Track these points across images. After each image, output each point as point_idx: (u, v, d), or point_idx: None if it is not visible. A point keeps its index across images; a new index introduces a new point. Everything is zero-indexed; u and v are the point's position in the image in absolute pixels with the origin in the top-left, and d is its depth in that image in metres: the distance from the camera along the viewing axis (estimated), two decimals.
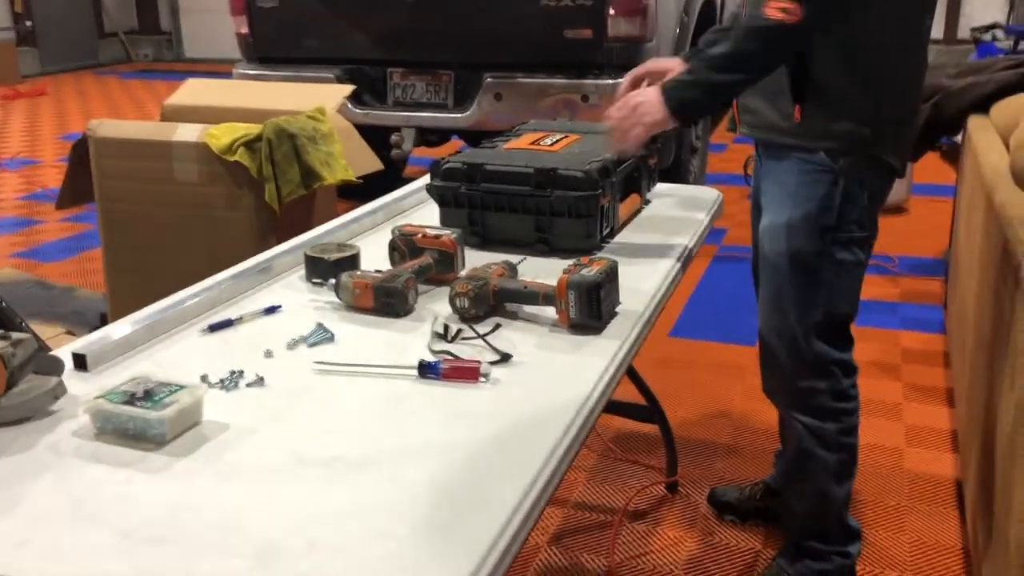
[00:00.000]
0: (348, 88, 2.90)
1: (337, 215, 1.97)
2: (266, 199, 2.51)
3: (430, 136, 4.16)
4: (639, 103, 1.59)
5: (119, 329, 1.29)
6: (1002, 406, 1.60)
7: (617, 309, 1.41)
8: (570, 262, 1.39)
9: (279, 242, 1.76)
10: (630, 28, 3.67)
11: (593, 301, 1.31)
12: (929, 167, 4.48)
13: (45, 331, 2.69)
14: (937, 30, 8.45)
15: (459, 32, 3.88)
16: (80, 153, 2.71)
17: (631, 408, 2.30)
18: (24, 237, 4.53)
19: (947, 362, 2.97)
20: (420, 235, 1.54)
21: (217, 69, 4.52)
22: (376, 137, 4.05)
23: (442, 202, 1.75)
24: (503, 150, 1.83)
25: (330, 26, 4.07)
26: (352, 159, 2.71)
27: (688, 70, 1.60)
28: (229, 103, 2.87)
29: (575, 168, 1.67)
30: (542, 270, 1.50)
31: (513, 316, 1.40)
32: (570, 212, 1.66)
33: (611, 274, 1.36)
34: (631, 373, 2.25)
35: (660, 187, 2.11)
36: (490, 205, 1.71)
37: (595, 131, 1.99)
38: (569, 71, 3.75)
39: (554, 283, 1.34)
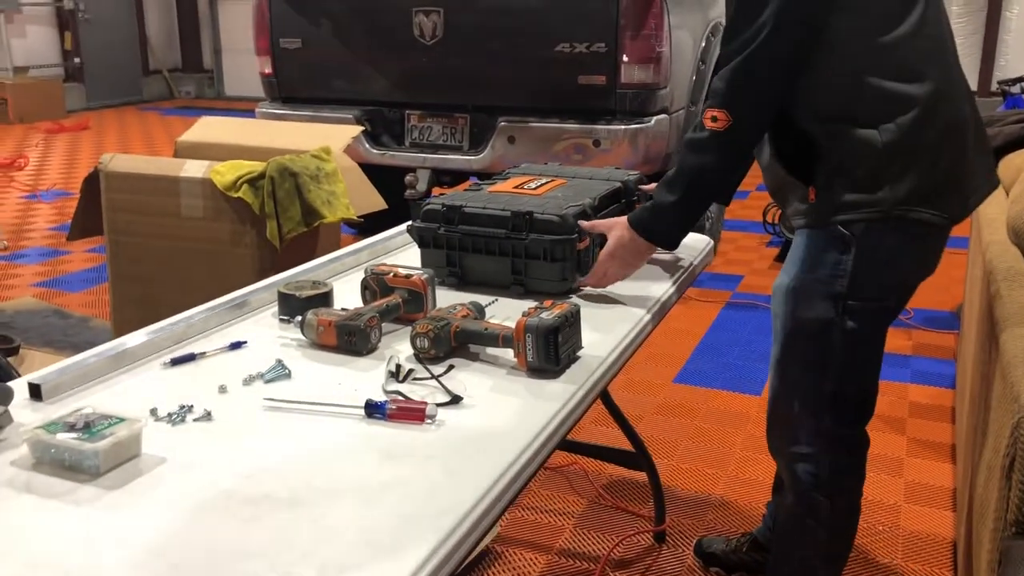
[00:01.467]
0: (357, 129, 2.94)
1: None
2: (267, 236, 2.55)
3: (444, 177, 4.20)
4: (610, 256, 1.66)
5: (80, 360, 1.31)
6: (980, 466, 1.56)
7: (580, 353, 1.40)
8: (532, 304, 1.40)
9: None
10: (643, 75, 3.69)
11: (551, 345, 1.31)
12: None
13: (56, 359, 2.74)
14: (971, 81, 8.39)
15: (475, 76, 3.93)
16: (92, 186, 2.77)
17: (618, 454, 2.27)
18: (49, 267, 4.63)
19: (955, 418, 2.91)
20: (391, 275, 1.55)
21: (253, 107, 4.62)
22: (392, 177, 4.12)
23: (422, 243, 1.76)
24: (486, 193, 1.84)
25: (351, 68, 4.15)
26: (356, 198, 2.74)
27: (653, 197, 1.65)
28: (240, 141, 2.94)
29: (551, 212, 1.67)
30: (516, 311, 1.49)
31: (475, 357, 1.40)
32: (545, 255, 1.66)
33: (571, 318, 1.36)
34: (619, 419, 2.24)
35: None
36: (468, 247, 1.72)
37: (584, 176, 2.00)
38: (582, 116, 3.78)
39: None
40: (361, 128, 2.96)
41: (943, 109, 1.53)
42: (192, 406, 1.21)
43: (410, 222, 1.79)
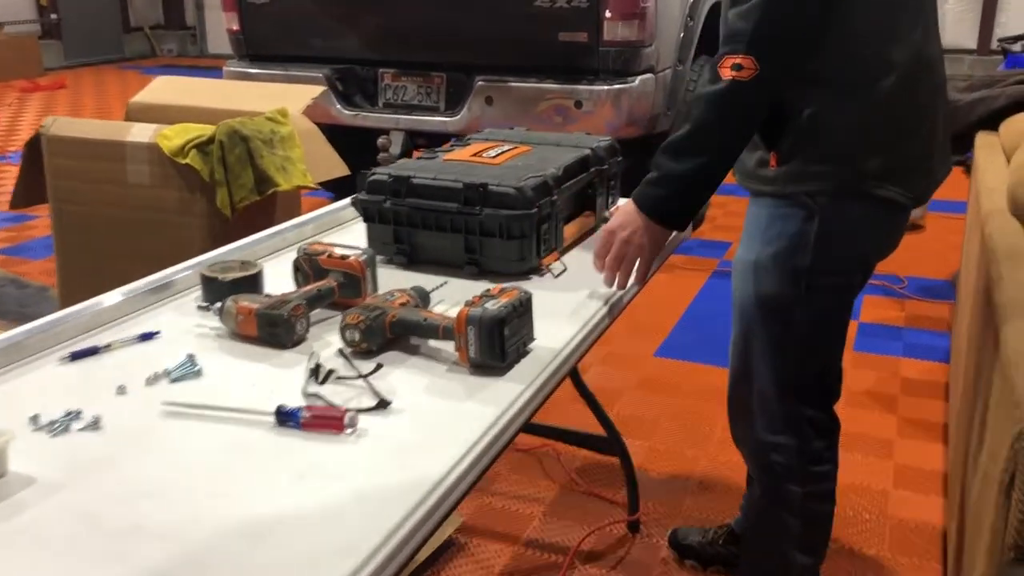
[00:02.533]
0: (318, 89, 2.76)
1: None
2: (218, 204, 2.38)
3: (419, 140, 4.02)
4: (615, 228, 1.42)
5: None
6: (976, 470, 1.42)
7: (531, 347, 1.25)
8: (482, 290, 1.24)
9: None
10: (627, 32, 3.50)
11: (495, 339, 1.16)
12: (950, 182, 4.27)
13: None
14: (970, 40, 8.17)
15: (452, 33, 3.73)
16: (35, 151, 2.60)
17: (589, 439, 2.13)
18: (14, 232, 4.46)
19: (947, 395, 2.77)
20: (326, 255, 1.39)
21: None
22: (365, 139, 3.94)
23: (367, 217, 1.60)
24: (440, 161, 1.68)
25: (321, 24, 3.94)
26: (315, 164, 2.57)
27: (653, 164, 1.40)
28: (196, 102, 2.75)
29: (508, 184, 1.51)
30: (469, 295, 1.32)
31: (414, 351, 1.25)
32: (501, 232, 1.50)
33: (520, 308, 1.20)
34: (589, 400, 2.10)
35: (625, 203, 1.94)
36: (417, 222, 1.56)
37: (551, 143, 1.83)
38: (563, 76, 3.59)
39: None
40: (322, 89, 2.78)
41: (923, 77, 1.39)
42: (80, 412, 1.06)
43: (355, 195, 1.63)
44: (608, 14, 3.47)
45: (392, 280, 1.50)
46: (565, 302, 1.42)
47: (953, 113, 2.75)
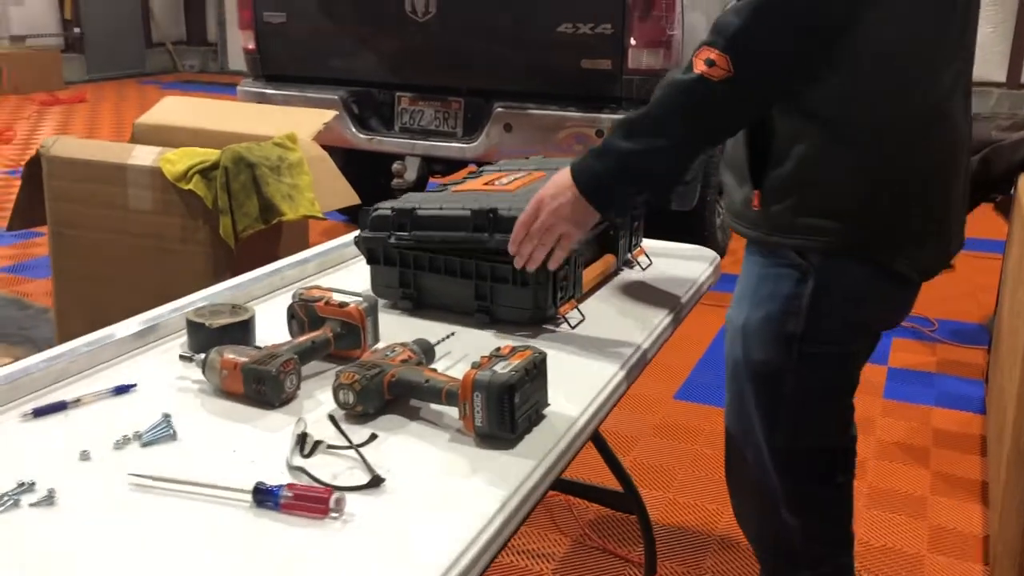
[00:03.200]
0: (331, 113, 2.66)
1: None
2: (221, 233, 2.28)
3: (436, 166, 3.92)
4: (545, 196, 1.26)
5: None
6: None
7: (546, 411, 1.12)
8: (498, 345, 1.12)
9: None
10: (652, 60, 3.39)
11: (504, 408, 1.03)
12: (981, 220, 4.12)
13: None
14: (998, 72, 8.01)
15: (470, 57, 3.63)
16: (35, 171, 2.50)
17: (604, 494, 2.00)
18: (19, 250, 4.38)
19: (984, 449, 2.62)
20: (323, 301, 1.28)
21: None
22: (380, 164, 3.84)
23: (370, 258, 1.49)
24: (449, 192, 1.56)
25: (338, 46, 3.86)
26: (324, 192, 2.46)
27: (603, 138, 1.25)
28: (203, 124, 2.66)
29: (521, 208, 1.38)
30: (479, 349, 1.19)
31: (414, 414, 1.13)
32: (514, 279, 1.38)
33: (532, 371, 1.08)
34: (605, 453, 1.96)
35: (650, 244, 1.82)
36: (424, 265, 1.44)
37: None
38: (584, 103, 3.48)
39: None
40: (334, 113, 2.68)
41: (943, 132, 1.22)
42: (34, 483, 0.94)
43: (359, 233, 1.51)
44: (633, 41, 3.36)
45: (396, 326, 1.39)
46: (583, 358, 1.30)
47: (994, 153, 2.62)
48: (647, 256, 1.75)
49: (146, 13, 11.30)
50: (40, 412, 1.10)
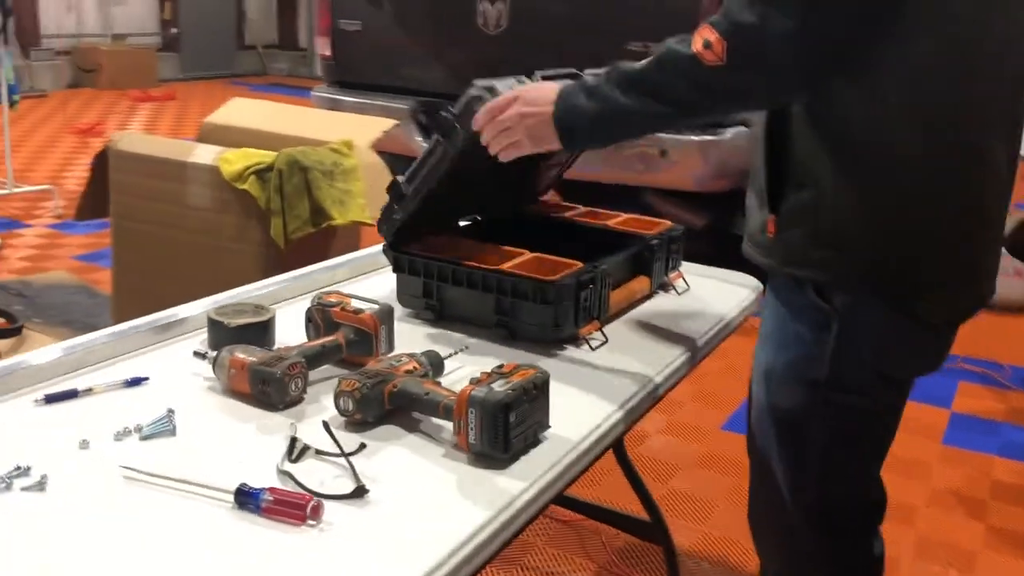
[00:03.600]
0: (390, 122, 2.69)
1: None
2: (271, 234, 2.32)
3: None
4: (521, 97, 1.25)
5: None
6: None
7: (546, 434, 1.10)
8: (511, 361, 1.10)
9: None
10: None
11: (498, 427, 1.02)
12: None
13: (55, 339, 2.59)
14: None
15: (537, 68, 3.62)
16: (102, 164, 2.59)
17: (630, 521, 1.96)
18: (95, 239, 4.53)
19: None
20: (339, 307, 1.28)
21: None
22: None
23: (396, 267, 1.49)
24: None
25: (410, 55, 3.90)
26: (377, 199, 2.48)
27: (597, 76, 1.21)
28: (266, 126, 2.72)
29: None
30: (495, 363, 1.15)
31: (413, 427, 1.12)
32: (535, 295, 1.36)
33: (532, 392, 1.06)
34: (632, 479, 1.92)
35: (690, 268, 1.78)
36: (447, 276, 1.43)
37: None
38: None
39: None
40: (395, 122, 2.71)
41: (981, 170, 1.13)
42: (29, 468, 0.96)
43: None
44: None
45: (416, 335, 1.38)
46: (597, 381, 1.27)
47: None
48: (684, 280, 1.71)
49: (240, 16, 11.65)
50: (51, 399, 1.12)
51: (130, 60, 9.82)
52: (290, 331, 1.34)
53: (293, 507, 0.90)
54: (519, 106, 1.25)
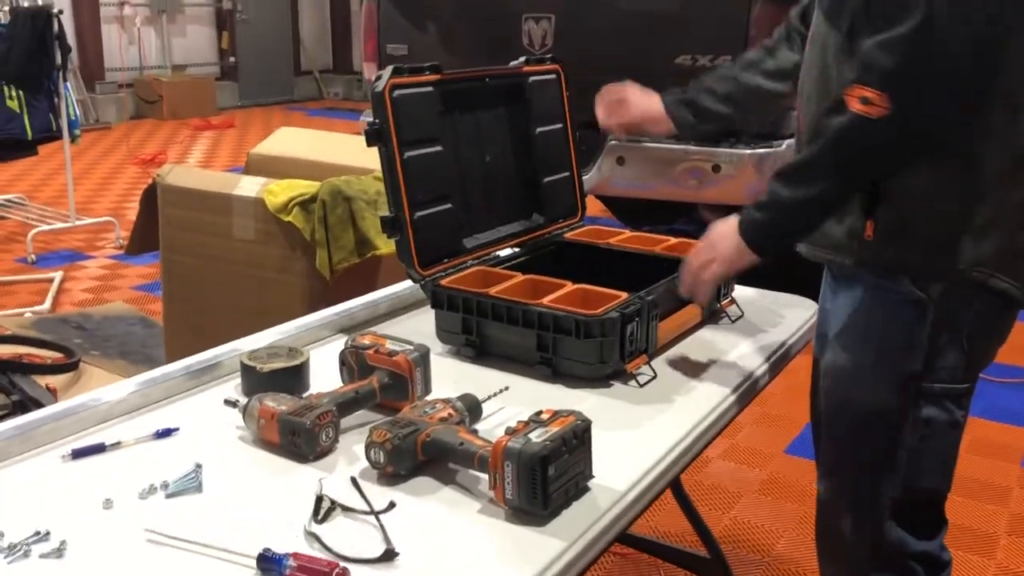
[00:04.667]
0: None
1: None
2: (317, 265, 2.29)
3: None
4: (714, 238, 1.29)
5: None
6: None
7: (590, 484, 1.04)
8: (555, 402, 1.04)
9: None
10: None
11: (536, 481, 0.95)
12: None
13: (115, 378, 2.60)
14: None
15: (585, 89, 3.56)
16: (151, 198, 2.60)
17: (688, 557, 1.87)
18: (154, 269, 4.59)
19: None
20: (373, 350, 1.23)
21: None
22: None
23: (435, 302, 1.44)
24: None
25: None
26: None
27: (765, 192, 1.25)
28: (311, 156, 2.70)
29: None
30: (536, 405, 1.10)
31: (450, 478, 1.06)
32: (578, 331, 1.30)
33: (573, 441, 0.99)
34: (690, 513, 1.84)
35: (743, 293, 1.69)
36: (487, 311, 1.38)
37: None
38: (700, 137, 3.35)
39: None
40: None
41: None
42: (48, 533, 0.92)
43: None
44: None
45: (455, 373, 1.33)
46: (645, 422, 1.20)
47: None
48: (738, 306, 1.63)
49: (296, 43, 11.83)
50: (79, 453, 1.09)
51: (190, 90, 10.03)
52: (326, 372, 1.30)
53: (317, 574, 0.85)
54: (705, 252, 1.30)
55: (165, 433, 1.15)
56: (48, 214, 5.25)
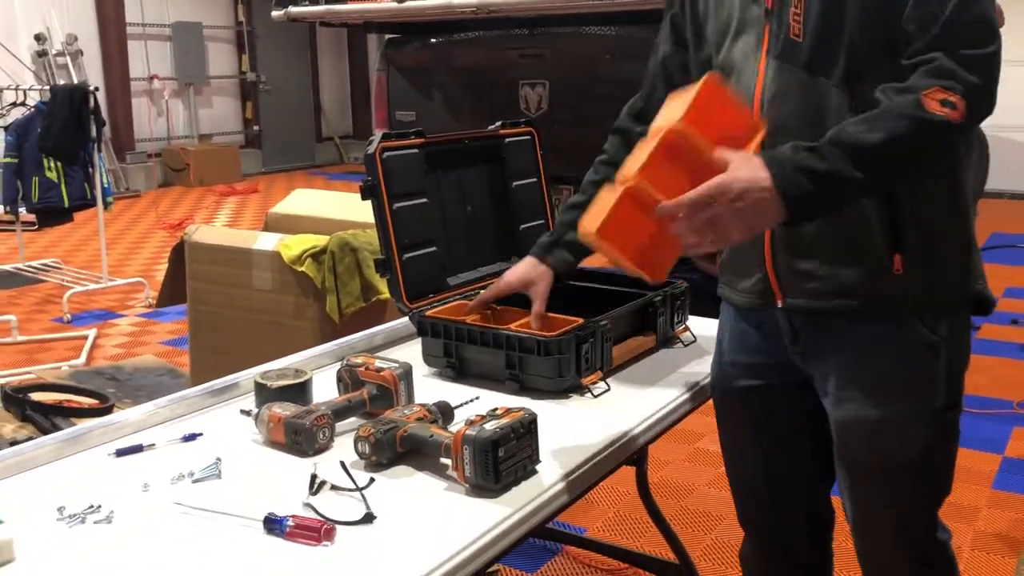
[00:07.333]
0: None
1: None
2: (327, 310, 2.54)
3: None
4: (743, 190, 1.10)
5: (27, 445, 1.31)
6: None
7: (538, 468, 1.26)
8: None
9: None
10: None
11: (488, 461, 1.18)
12: None
13: None
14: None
15: (580, 149, 3.83)
16: (179, 255, 2.88)
17: (654, 563, 2.06)
18: (181, 326, 4.87)
19: None
20: (364, 367, 1.47)
21: None
22: None
23: (420, 330, 1.68)
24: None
25: None
26: None
27: (818, 153, 1.14)
28: (323, 213, 2.98)
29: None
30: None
31: (424, 466, 1.29)
32: (539, 350, 1.53)
33: (519, 430, 1.22)
34: (655, 517, 2.03)
35: (697, 322, 1.91)
36: (464, 337, 1.62)
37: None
38: None
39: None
40: None
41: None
42: (100, 506, 1.16)
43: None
44: None
45: (438, 390, 1.56)
46: (593, 425, 1.42)
47: None
48: (691, 333, 1.85)
49: (317, 111, 12.31)
50: (121, 452, 1.33)
51: (215, 158, 10.47)
52: (327, 390, 1.53)
53: (311, 530, 1.08)
54: (728, 195, 1.11)
55: (191, 437, 1.39)
56: (82, 276, 5.56)
